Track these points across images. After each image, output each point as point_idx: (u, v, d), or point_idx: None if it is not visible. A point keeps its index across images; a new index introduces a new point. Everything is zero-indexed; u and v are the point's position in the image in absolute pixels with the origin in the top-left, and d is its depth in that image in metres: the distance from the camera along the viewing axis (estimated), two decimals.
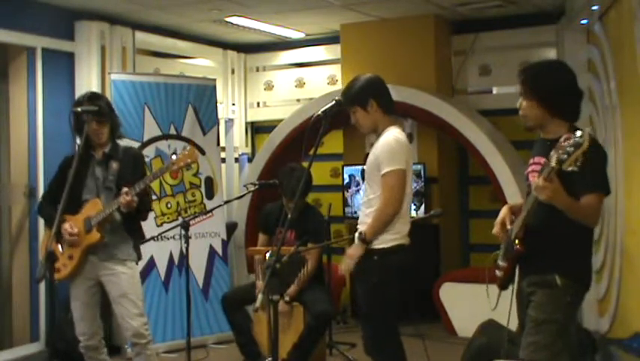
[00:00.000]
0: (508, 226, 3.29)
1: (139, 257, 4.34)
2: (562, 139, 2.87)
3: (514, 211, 3.36)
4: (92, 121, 4.10)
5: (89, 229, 4.14)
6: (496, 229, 3.33)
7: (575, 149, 2.80)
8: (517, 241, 3.17)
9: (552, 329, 3.10)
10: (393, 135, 3.93)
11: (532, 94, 3.21)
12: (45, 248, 4.16)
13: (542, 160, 3.15)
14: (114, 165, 4.21)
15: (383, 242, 3.88)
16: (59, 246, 4.19)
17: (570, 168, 2.87)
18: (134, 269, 4.28)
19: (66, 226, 4.11)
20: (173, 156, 4.32)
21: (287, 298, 5.15)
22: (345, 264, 3.96)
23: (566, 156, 2.82)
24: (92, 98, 4.23)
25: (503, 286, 3.33)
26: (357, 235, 3.93)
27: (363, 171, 4.13)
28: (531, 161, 3.33)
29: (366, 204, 4.00)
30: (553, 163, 2.88)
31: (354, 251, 3.91)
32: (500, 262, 3.31)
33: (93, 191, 4.20)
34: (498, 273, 3.32)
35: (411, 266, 3.97)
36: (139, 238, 4.37)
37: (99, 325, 4.31)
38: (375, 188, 3.93)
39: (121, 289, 4.19)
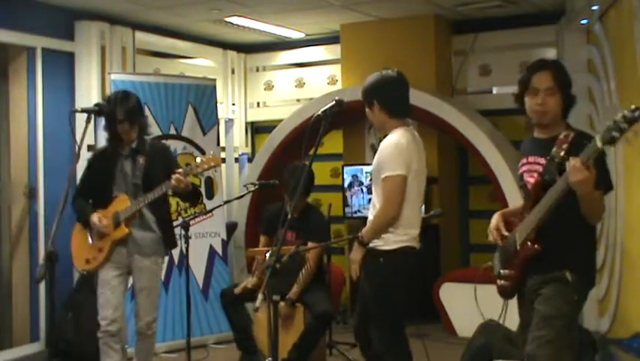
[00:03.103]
0: (504, 232, 3.26)
1: (172, 246, 4.54)
2: (560, 135, 2.83)
3: (506, 217, 3.32)
4: (124, 122, 4.23)
5: (117, 223, 4.27)
6: (494, 236, 3.30)
7: (629, 125, 2.57)
8: (528, 243, 3.09)
9: (558, 324, 3.06)
10: (394, 139, 3.84)
11: (558, 88, 3.13)
12: (76, 240, 4.39)
13: (539, 160, 3.13)
14: (141, 160, 4.31)
15: (388, 244, 3.84)
16: (89, 238, 4.35)
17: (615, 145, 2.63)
18: (159, 265, 4.46)
19: (94, 218, 4.25)
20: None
21: (289, 301, 5.14)
22: (352, 270, 3.96)
23: (617, 134, 2.59)
24: (122, 99, 4.29)
25: (510, 295, 3.28)
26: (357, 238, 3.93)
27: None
28: (524, 160, 3.26)
29: (372, 206, 3.97)
30: (599, 143, 2.66)
31: (355, 255, 3.92)
32: (503, 271, 3.26)
33: (122, 187, 4.33)
34: (503, 283, 3.26)
35: (416, 269, 3.93)
36: (169, 233, 4.48)
37: (122, 314, 4.39)
38: (380, 191, 3.89)
39: (143, 283, 4.36)
